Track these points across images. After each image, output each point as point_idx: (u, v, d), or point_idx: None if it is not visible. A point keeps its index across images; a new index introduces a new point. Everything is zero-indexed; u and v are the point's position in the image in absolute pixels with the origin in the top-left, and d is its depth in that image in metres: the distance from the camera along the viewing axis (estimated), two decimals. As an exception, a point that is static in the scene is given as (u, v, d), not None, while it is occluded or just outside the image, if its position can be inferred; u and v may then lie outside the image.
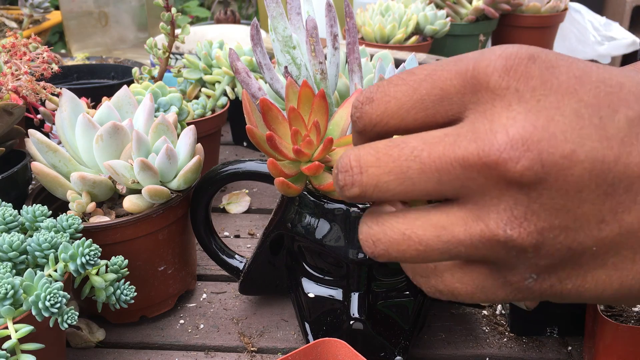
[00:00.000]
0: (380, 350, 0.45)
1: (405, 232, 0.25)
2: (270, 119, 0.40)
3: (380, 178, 0.25)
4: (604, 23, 1.38)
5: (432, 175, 0.24)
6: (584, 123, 0.22)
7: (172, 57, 0.84)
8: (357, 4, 1.22)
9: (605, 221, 0.23)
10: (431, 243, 0.24)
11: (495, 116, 0.23)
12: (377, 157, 0.25)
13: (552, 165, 0.22)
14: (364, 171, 0.25)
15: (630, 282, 0.23)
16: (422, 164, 0.24)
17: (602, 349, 0.42)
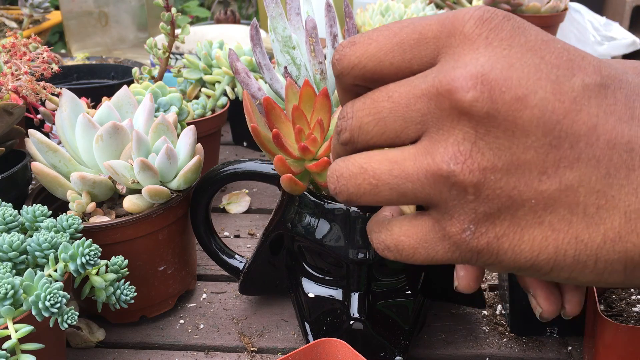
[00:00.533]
0: (380, 350, 0.45)
1: (363, 165, 0.26)
2: (274, 117, 0.40)
3: (362, 120, 0.26)
4: (604, 23, 1.38)
5: (400, 113, 0.25)
6: (541, 75, 0.23)
7: (172, 57, 0.84)
8: (357, 4, 1.22)
9: (546, 173, 0.23)
10: (383, 177, 0.26)
11: (462, 56, 0.24)
12: (364, 101, 0.27)
13: (502, 103, 0.23)
14: (354, 115, 0.27)
15: (565, 247, 0.24)
16: (393, 102, 0.25)
17: (602, 349, 0.42)
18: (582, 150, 0.23)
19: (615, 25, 1.39)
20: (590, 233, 0.23)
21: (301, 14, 0.47)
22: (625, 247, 0.23)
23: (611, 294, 0.45)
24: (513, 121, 0.23)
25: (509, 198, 0.23)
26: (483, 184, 0.23)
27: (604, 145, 0.23)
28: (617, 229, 0.23)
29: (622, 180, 0.23)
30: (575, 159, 0.23)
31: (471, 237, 0.24)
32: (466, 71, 0.23)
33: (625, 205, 0.23)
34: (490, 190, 0.23)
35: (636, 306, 0.44)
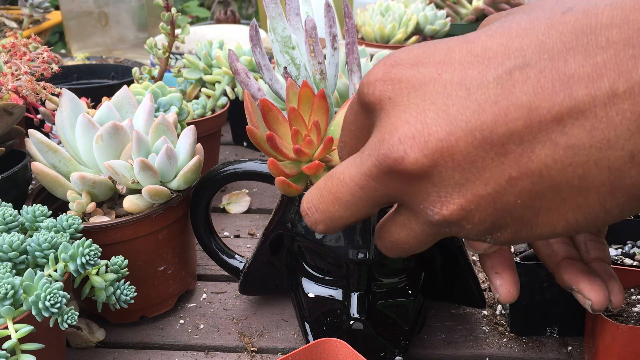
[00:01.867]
0: (380, 350, 0.45)
1: (391, 240, 0.29)
2: (271, 119, 0.40)
3: (330, 210, 0.28)
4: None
5: (360, 194, 0.27)
6: (452, 101, 0.24)
7: (172, 57, 0.84)
8: (357, 4, 1.22)
9: (513, 177, 0.23)
10: (409, 241, 0.28)
11: (382, 127, 0.25)
12: (320, 194, 0.29)
13: (434, 152, 0.24)
14: (317, 209, 0.29)
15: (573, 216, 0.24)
16: (347, 186, 0.27)
17: (602, 349, 0.42)
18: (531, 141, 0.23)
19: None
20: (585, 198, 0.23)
21: (300, 14, 0.47)
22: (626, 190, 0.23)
23: (611, 294, 0.45)
24: (452, 158, 0.24)
25: (497, 210, 0.24)
26: (468, 215, 0.25)
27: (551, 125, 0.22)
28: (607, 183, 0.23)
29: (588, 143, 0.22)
30: (530, 152, 0.23)
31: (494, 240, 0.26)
32: (390, 142, 0.24)
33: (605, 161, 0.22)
34: (478, 215, 0.25)
35: (636, 306, 0.44)
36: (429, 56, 0.25)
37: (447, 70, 0.24)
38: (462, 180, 0.24)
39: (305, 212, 0.30)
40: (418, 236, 0.28)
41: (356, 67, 0.47)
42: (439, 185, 0.24)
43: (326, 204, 0.28)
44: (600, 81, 0.21)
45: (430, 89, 0.24)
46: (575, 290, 0.33)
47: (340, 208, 0.28)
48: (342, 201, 0.28)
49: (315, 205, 0.29)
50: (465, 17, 1.11)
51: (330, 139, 0.39)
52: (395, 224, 0.28)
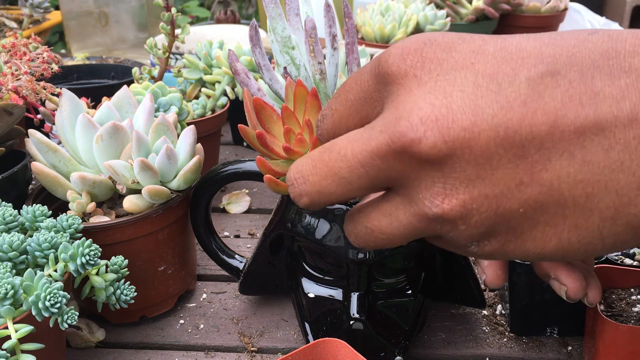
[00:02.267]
0: (380, 350, 0.45)
1: (368, 225, 0.28)
2: (264, 118, 0.40)
3: (321, 184, 0.27)
4: (603, 23, 1.38)
5: (360, 171, 0.26)
6: (482, 93, 0.23)
7: (172, 57, 0.84)
8: (357, 4, 1.22)
9: (523, 183, 0.23)
10: (388, 231, 0.27)
11: (400, 104, 0.24)
12: (313, 165, 0.27)
13: (455, 140, 0.23)
14: (306, 180, 0.27)
15: (567, 236, 0.24)
16: (349, 162, 0.26)
17: (602, 349, 0.42)
18: (550, 150, 0.22)
19: (614, 25, 1.39)
20: (586, 219, 0.23)
21: (300, 14, 0.47)
22: (627, 219, 0.23)
23: (611, 294, 0.45)
24: (470, 150, 0.23)
25: (497, 215, 0.24)
26: (468, 214, 0.24)
27: (572, 137, 0.22)
28: (612, 207, 0.23)
29: (603, 162, 0.22)
30: (547, 160, 0.23)
31: (478, 249, 0.26)
32: (409, 121, 0.23)
33: (614, 184, 0.22)
34: (477, 216, 0.24)
35: (636, 306, 0.44)
36: (463, 43, 0.24)
37: (480, 60, 0.24)
38: (473, 175, 0.23)
39: (291, 182, 0.28)
40: (400, 228, 0.26)
41: (356, 67, 0.47)
42: (447, 176, 0.24)
43: (318, 177, 0.27)
44: (623, 103, 0.22)
45: (461, 76, 0.23)
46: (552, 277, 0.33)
47: (333, 183, 0.26)
48: (337, 177, 0.26)
49: (304, 175, 0.28)
50: (465, 17, 1.11)
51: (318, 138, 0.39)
52: (379, 210, 0.27)
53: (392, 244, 0.27)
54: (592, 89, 0.22)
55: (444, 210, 0.24)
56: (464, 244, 0.26)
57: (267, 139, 0.38)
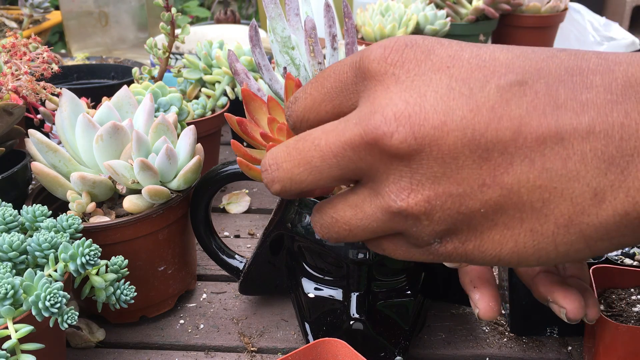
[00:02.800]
0: (380, 351, 0.45)
1: (333, 215, 0.29)
2: (253, 109, 0.41)
3: (293, 171, 0.28)
4: (603, 23, 1.38)
5: (332, 161, 0.26)
6: (454, 95, 0.24)
7: (172, 57, 0.84)
8: (357, 4, 1.22)
9: (486, 184, 0.24)
10: (352, 222, 0.28)
11: (377, 99, 0.25)
12: (287, 152, 0.28)
13: (424, 137, 0.24)
14: (279, 167, 0.28)
15: (523, 240, 0.25)
16: (321, 151, 0.26)
17: (602, 349, 0.42)
18: (513, 154, 0.23)
19: (614, 25, 1.39)
20: (542, 224, 0.24)
21: (300, 14, 0.47)
22: (580, 228, 0.24)
23: (611, 294, 0.45)
24: (438, 149, 0.24)
25: (459, 213, 0.25)
26: (431, 210, 0.25)
27: (534, 144, 0.23)
28: (566, 215, 0.24)
29: (560, 171, 0.23)
30: (509, 164, 0.24)
31: (439, 246, 0.26)
32: (383, 116, 0.24)
33: (569, 192, 0.23)
34: (440, 213, 0.25)
35: (636, 306, 0.44)
36: (441, 47, 0.26)
37: (455, 65, 0.25)
38: (439, 173, 0.24)
39: (265, 168, 0.29)
40: (364, 220, 0.27)
41: (356, 67, 0.47)
42: (415, 171, 0.25)
43: (291, 164, 0.28)
44: (582, 116, 0.23)
45: (437, 78, 0.25)
46: (550, 301, 0.34)
47: (304, 172, 0.27)
48: (309, 165, 0.27)
49: (278, 162, 0.28)
50: (465, 17, 1.11)
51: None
52: (346, 201, 0.28)
53: (355, 237, 0.28)
54: (556, 101, 0.23)
55: (408, 205, 0.25)
56: (426, 241, 0.26)
57: (247, 125, 0.39)
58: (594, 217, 0.23)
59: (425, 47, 0.26)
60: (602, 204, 0.23)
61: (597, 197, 0.23)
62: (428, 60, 0.25)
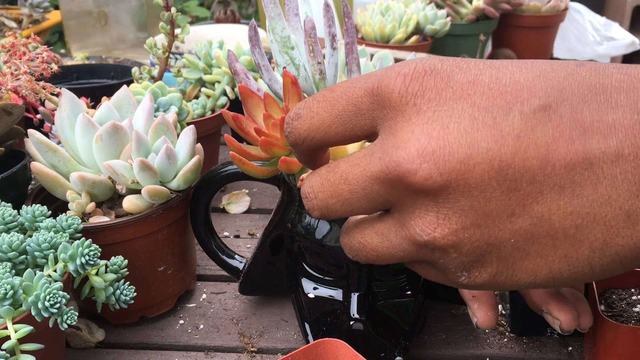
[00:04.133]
0: (381, 351, 0.45)
1: (361, 241, 0.29)
2: (250, 106, 0.41)
3: (327, 202, 0.28)
4: (603, 23, 1.38)
5: (360, 194, 0.27)
6: (477, 126, 0.24)
7: (172, 56, 0.83)
8: (357, 4, 1.22)
9: (515, 214, 0.24)
10: (379, 249, 0.28)
11: (398, 131, 0.25)
12: (321, 183, 0.28)
13: (450, 172, 0.23)
14: (316, 196, 0.29)
15: (558, 266, 0.24)
16: (350, 185, 0.27)
17: (603, 349, 0.42)
18: (541, 183, 0.23)
19: (615, 25, 1.39)
20: (576, 250, 0.24)
21: (299, 14, 0.47)
22: (615, 250, 0.23)
23: (611, 294, 0.45)
24: (465, 182, 0.24)
25: (489, 245, 0.25)
26: (459, 243, 0.25)
27: (562, 171, 0.23)
28: (600, 238, 0.23)
29: (592, 196, 0.23)
30: (538, 192, 0.23)
31: (469, 280, 0.26)
32: (406, 152, 0.24)
33: (602, 216, 0.23)
34: (469, 245, 0.25)
35: (637, 306, 0.44)
36: (460, 72, 0.25)
37: (476, 92, 0.24)
38: (467, 206, 0.24)
39: (305, 195, 0.30)
40: (391, 248, 0.27)
41: (355, 67, 0.47)
42: (441, 205, 0.24)
43: (325, 194, 0.28)
44: (610, 139, 0.22)
45: (459, 108, 0.24)
46: (544, 311, 0.34)
47: (337, 203, 0.28)
48: (341, 198, 0.27)
49: (315, 192, 0.29)
50: (466, 17, 1.10)
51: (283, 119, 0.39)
52: (373, 228, 0.28)
53: (383, 261, 0.28)
54: (582, 124, 0.23)
55: (435, 238, 0.25)
56: (454, 272, 0.26)
57: (242, 121, 0.39)
58: (629, 239, 0.23)
59: (444, 72, 0.25)
60: (636, 225, 0.23)
61: (630, 219, 0.23)
62: (448, 88, 0.25)
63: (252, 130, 0.40)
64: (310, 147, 0.29)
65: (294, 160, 0.40)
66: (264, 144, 0.39)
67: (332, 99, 0.28)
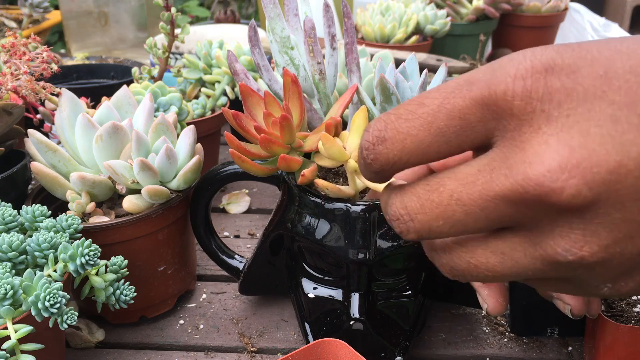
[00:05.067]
0: (381, 351, 0.45)
1: (471, 261, 0.25)
2: (251, 104, 0.41)
3: (431, 224, 0.25)
4: (603, 24, 1.38)
5: (478, 215, 0.23)
6: (622, 127, 0.21)
7: (172, 56, 0.83)
8: (357, 4, 1.22)
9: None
10: (497, 269, 0.25)
11: (526, 144, 0.22)
12: (420, 204, 0.25)
13: (600, 185, 0.21)
14: (413, 218, 0.25)
15: None
16: (465, 206, 0.23)
17: (603, 349, 0.42)
18: None
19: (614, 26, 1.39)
20: None
21: (299, 14, 0.47)
22: None
23: (611, 294, 0.45)
24: (617, 194, 0.21)
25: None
26: (609, 258, 0.22)
27: None
28: None
29: None
30: None
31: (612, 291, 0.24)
32: (545, 168, 0.21)
33: None
34: (619, 259, 0.22)
35: (637, 306, 0.44)
36: (587, 65, 0.21)
37: (612, 87, 0.21)
38: (618, 219, 0.21)
39: (396, 217, 0.26)
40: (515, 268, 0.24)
41: (355, 67, 0.47)
42: (589, 222, 0.21)
43: (427, 216, 0.25)
44: None
45: (596, 109, 0.21)
46: (554, 297, 0.33)
47: (445, 224, 0.24)
48: (451, 219, 0.24)
49: (410, 213, 0.25)
50: (466, 17, 1.11)
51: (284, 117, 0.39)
52: (487, 247, 0.25)
53: (498, 280, 0.25)
54: None
55: (582, 257, 0.22)
56: (596, 286, 0.24)
57: (242, 119, 0.39)
58: None
59: (568, 67, 0.21)
60: None
61: None
62: (578, 86, 0.21)
63: (252, 128, 0.40)
64: (398, 170, 0.26)
65: (293, 158, 0.40)
66: (263, 141, 0.39)
67: (427, 114, 0.24)
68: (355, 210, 0.41)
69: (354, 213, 0.41)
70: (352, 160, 0.38)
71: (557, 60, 0.22)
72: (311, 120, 0.46)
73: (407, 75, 0.46)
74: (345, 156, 0.39)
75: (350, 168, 0.39)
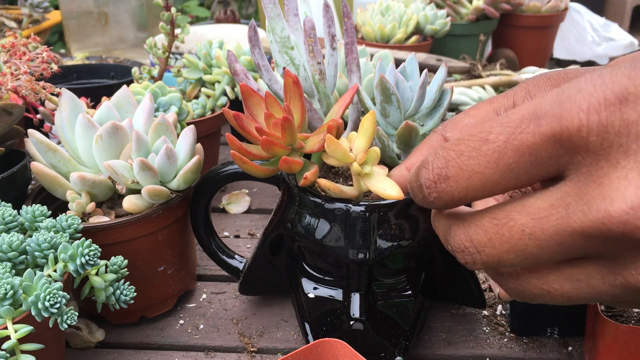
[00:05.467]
0: (381, 351, 0.45)
1: (544, 287, 0.25)
2: (252, 105, 0.41)
3: (501, 257, 0.25)
4: (603, 24, 1.38)
5: (554, 249, 0.23)
6: None
7: (172, 56, 0.84)
8: (357, 4, 1.22)
9: None
10: (572, 294, 0.25)
11: (604, 179, 0.21)
12: (488, 238, 0.25)
13: None
14: (480, 251, 0.25)
15: None
16: (539, 241, 0.23)
17: (603, 349, 0.42)
18: None
19: (614, 26, 1.39)
20: None
21: (299, 14, 0.47)
22: None
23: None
24: None
25: None
26: None
27: None
28: None
29: None
30: None
31: None
32: (628, 205, 0.20)
33: None
34: None
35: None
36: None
37: None
38: None
39: (462, 249, 0.26)
40: (591, 294, 0.24)
41: (355, 67, 0.47)
42: None
43: (497, 250, 0.25)
44: None
45: None
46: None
47: (517, 257, 0.24)
48: (524, 253, 0.24)
49: (477, 246, 0.25)
50: (466, 17, 1.11)
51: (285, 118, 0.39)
52: (562, 274, 0.25)
53: (572, 303, 0.25)
54: None
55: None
56: None
57: (243, 120, 0.39)
58: None
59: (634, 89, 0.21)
60: None
61: None
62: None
63: (253, 129, 0.40)
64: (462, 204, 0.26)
65: (295, 160, 0.40)
66: (265, 143, 0.39)
67: (493, 151, 0.24)
68: (356, 211, 0.41)
69: (354, 213, 0.41)
70: (356, 163, 0.38)
71: (630, 89, 0.21)
72: (311, 120, 0.46)
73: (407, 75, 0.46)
74: (349, 158, 0.39)
75: (355, 171, 0.39)
